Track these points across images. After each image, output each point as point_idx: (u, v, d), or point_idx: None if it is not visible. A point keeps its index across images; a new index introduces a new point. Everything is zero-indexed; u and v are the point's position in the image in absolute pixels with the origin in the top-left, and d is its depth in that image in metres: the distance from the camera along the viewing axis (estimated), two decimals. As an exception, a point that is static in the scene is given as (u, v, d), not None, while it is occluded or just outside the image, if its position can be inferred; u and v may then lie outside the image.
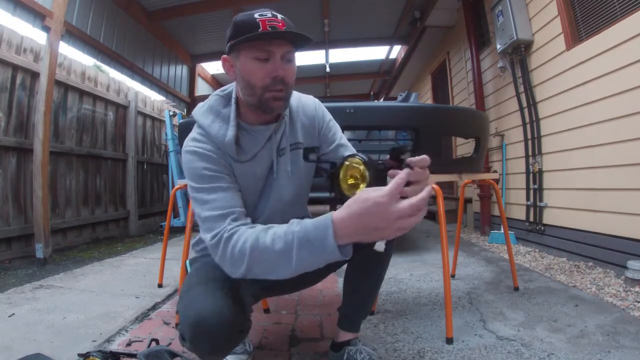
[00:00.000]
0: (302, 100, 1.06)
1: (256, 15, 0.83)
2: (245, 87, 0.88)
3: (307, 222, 0.74)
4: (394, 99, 4.60)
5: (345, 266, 1.11)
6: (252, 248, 0.75)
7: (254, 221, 0.98)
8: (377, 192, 0.65)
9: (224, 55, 0.91)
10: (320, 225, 0.71)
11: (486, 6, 3.78)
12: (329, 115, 1.09)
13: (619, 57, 2.11)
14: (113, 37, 4.22)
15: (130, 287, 2.11)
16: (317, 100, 1.09)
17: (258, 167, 0.96)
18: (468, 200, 4.28)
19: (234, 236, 0.78)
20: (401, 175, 0.67)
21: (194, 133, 0.93)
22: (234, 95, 0.95)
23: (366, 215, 0.66)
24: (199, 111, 0.97)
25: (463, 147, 4.54)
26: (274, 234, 0.75)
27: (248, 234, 0.77)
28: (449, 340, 1.31)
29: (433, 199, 1.37)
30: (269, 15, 0.83)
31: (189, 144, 0.91)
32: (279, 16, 0.84)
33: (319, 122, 1.06)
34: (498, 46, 3.28)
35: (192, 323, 0.77)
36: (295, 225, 0.74)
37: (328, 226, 0.70)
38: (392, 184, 0.66)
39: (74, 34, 3.52)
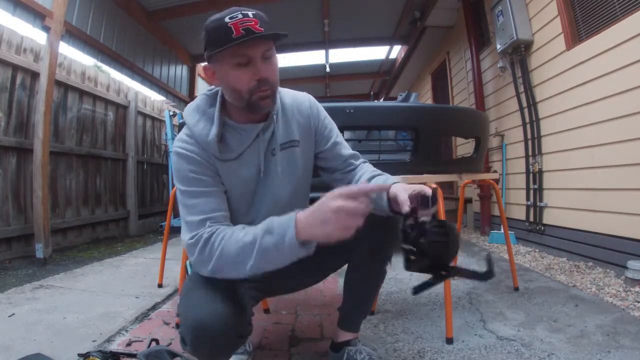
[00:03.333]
0: (297, 98, 1.05)
1: (227, 20, 0.79)
2: (231, 93, 0.88)
3: (276, 217, 0.77)
4: (394, 99, 4.59)
5: (345, 266, 1.11)
6: (226, 239, 0.78)
7: (250, 223, 0.98)
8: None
9: (204, 64, 0.90)
10: (285, 219, 0.75)
11: (486, 6, 3.77)
12: (324, 113, 1.08)
13: (619, 57, 2.11)
14: (113, 37, 4.21)
15: (130, 287, 2.11)
16: (312, 97, 1.08)
17: (245, 166, 0.95)
18: (468, 200, 4.28)
19: (212, 236, 0.80)
20: (366, 185, 0.72)
21: (182, 133, 0.95)
22: (219, 94, 0.95)
23: (318, 205, 0.72)
24: (188, 110, 0.97)
25: (463, 147, 4.54)
26: (247, 229, 0.79)
27: (224, 232, 0.80)
28: (449, 340, 1.31)
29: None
30: (240, 16, 0.79)
31: (176, 144, 0.93)
32: (250, 14, 0.80)
33: (314, 120, 1.05)
34: (498, 46, 3.27)
35: (191, 327, 0.78)
36: (265, 221, 0.78)
37: (292, 219, 0.74)
38: (352, 187, 0.71)
39: (74, 34, 3.52)
